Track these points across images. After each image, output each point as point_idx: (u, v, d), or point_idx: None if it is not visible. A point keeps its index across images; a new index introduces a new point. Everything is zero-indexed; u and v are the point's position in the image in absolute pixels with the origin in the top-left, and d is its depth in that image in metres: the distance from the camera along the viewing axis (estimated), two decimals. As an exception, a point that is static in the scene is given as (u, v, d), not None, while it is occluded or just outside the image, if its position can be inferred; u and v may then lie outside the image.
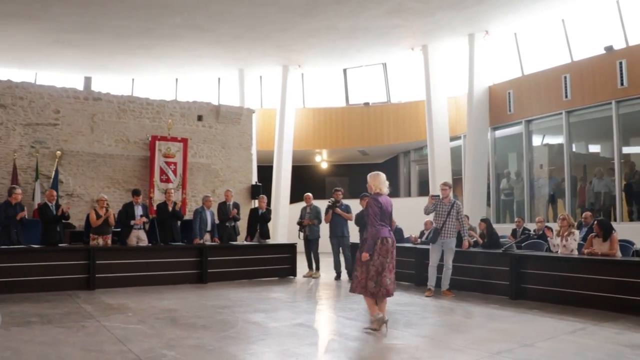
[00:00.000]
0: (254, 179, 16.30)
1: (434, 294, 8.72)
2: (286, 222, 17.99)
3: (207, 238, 10.99)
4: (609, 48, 13.38)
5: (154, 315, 6.86)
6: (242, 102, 18.23)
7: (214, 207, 11.50)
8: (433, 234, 8.86)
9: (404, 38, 16.29)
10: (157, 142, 13.71)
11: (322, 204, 11.43)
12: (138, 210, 10.32)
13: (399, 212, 12.75)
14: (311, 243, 11.49)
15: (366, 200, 8.20)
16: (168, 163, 13.77)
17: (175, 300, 8.12)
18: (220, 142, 15.10)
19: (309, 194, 11.75)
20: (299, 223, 11.54)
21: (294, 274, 11.40)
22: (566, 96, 14.22)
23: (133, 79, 20.22)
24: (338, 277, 11.04)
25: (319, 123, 20.23)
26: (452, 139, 17.49)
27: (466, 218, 10.42)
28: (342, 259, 11.11)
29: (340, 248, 11.09)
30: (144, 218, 10.35)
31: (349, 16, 14.26)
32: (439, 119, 17.04)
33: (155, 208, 11.67)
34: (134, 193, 10.51)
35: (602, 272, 7.39)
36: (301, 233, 11.50)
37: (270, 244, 11.99)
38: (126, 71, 19.34)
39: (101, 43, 16.15)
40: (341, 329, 6.35)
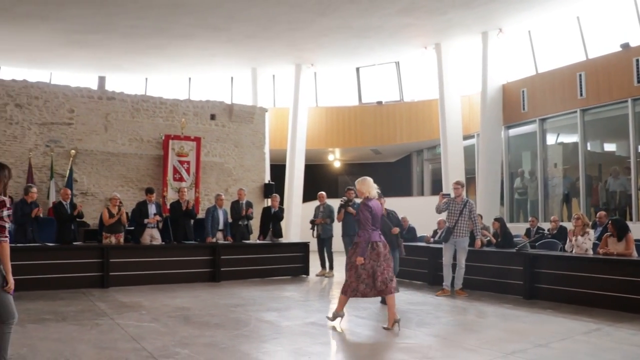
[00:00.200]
0: (267, 178, 16.33)
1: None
2: (299, 221, 18.00)
3: (220, 237, 11.02)
4: (625, 45, 13.22)
5: (167, 313, 6.90)
6: (255, 101, 18.25)
7: (227, 206, 11.52)
8: (445, 233, 8.83)
9: (417, 36, 16.23)
10: (171, 141, 13.77)
11: (335, 203, 11.41)
12: (152, 208, 10.37)
13: (412, 211, 12.84)
14: (324, 242, 11.49)
15: (381, 200, 8.28)
16: (181, 162, 13.84)
17: (188, 298, 8.16)
18: (233, 141, 15.14)
19: (323, 193, 11.75)
20: (312, 221, 11.55)
21: (307, 273, 11.40)
22: (581, 94, 14.07)
23: (146, 79, 20.33)
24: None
25: (332, 122, 20.21)
26: (466, 138, 17.39)
27: (479, 217, 10.37)
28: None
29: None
30: (158, 217, 10.39)
31: (362, 15, 14.23)
32: (452, 118, 16.96)
33: (168, 207, 11.72)
34: (147, 191, 10.55)
35: (618, 272, 7.30)
36: (314, 231, 11.51)
37: (283, 243, 12.00)
38: (140, 71, 19.44)
39: (115, 43, 16.26)
40: (353, 328, 6.34)
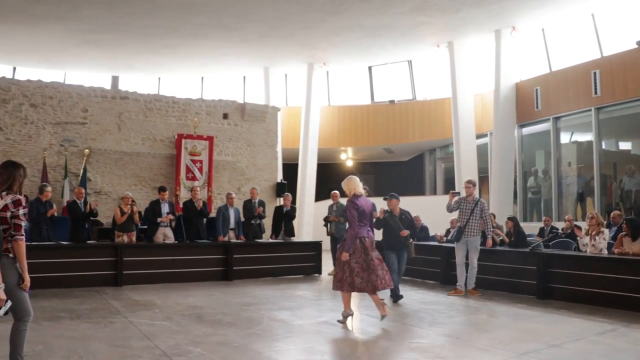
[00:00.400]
0: (279, 177, 16.34)
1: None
2: (311, 220, 18.00)
3: (232, 236, 11.05)
4: (641, 42, 13.10)
5: (180, 311, 6.93)
6: (268, 100, 18.27)
7: (240, 205, 11.55)
8: (457, 233, 8.81)
9: (430, 35, 16.16)
10: (183, 140, 13.83)
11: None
12: (165, 207, 10.41)
13: (425, 210, 12.78)
14: (337, 241, 11.46)
15: (391, 201, 8.32)
16: (194, 161, 13.89)
17: (201, 297, 8.19)
18: (245, 140, 15.18)
19: (336, 192, 11.72)
20: (326, 219, 11.56)
21: (319, 272, 11.41)
22: (596, 92, 13.94)
23: (159, 78, 20.44)
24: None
25: (344, 121, 20.19)
26: (479, 137, 17.31)
27: (492, 216, 10.31)
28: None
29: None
30: (171, 215, 10.44)
31: (374, 14, 14.19)
32: (465, 116, 16.88)
33: (181, 206, 11.77)
34: (160, 189, 10.59)
35: (633, 273, 7.22)
36: (328, 229, 11.51)
37: (295, 242, 12.01)
38: (152, 70, 19.55)
39: (128, 43, 16.36)
40: (366, 327, 6.33)
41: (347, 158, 22.05)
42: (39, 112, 12.70)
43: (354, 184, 6.48)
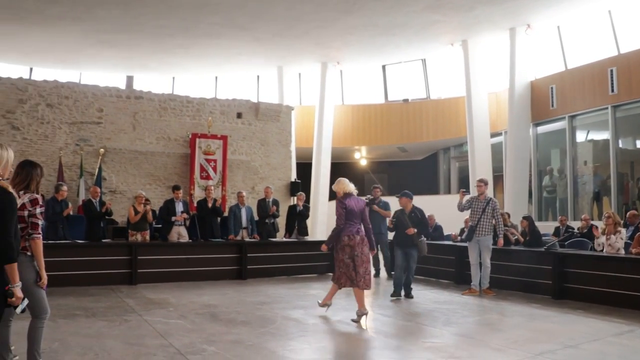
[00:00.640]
0: (293, 176, 16.36)
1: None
2: (325, 219, 17.98)
3: (244, 235, 11.07)
4: (659, 40, 12.94)
5: (194, 310, 6.97)
6: (281, 100, 18.29)
7: (253, 204, 11.56)
8: (468, 232, 8.78)
9: (443, 33, 16.08)
10: (197, 140, 13.89)
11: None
12: (179, 206, 10.47)
13: (439, 210, 12.73)
14: None
15: (402, 199, 8.39)
16: (208, 160, 13.94)
17: (215, 296, 8.23)
18: (259, 140, 15.20)
19: None
20: None
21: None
22: (612, 90, 13.79)
23: (173, 78, 20.54)
24: (377, 275, 10.99)
25: (358, 120, 20.15)
26: (493, 135, 17.20)
27: (506, 215, 10.24)
28: (381, 257, 11.05)
29: (378, 245, 11.03)
30: (185, 214, 10.49)
31: (388, 12, 14.15)
32: (480, 115, 16.77)
33: (195, 205, 11.83)
34: (174, 188, 10.66)
35: (650, 272, 7.16)
36: None
37: (309, 241, 11.99)
38: (167, 70, 19.64)
39: (142, 43, 16.45)
40: (380, 327, 6.32)
41: (361, 157, 22.01)
42: (55, 112, 12.82)
43: (344, 185, 6.84)
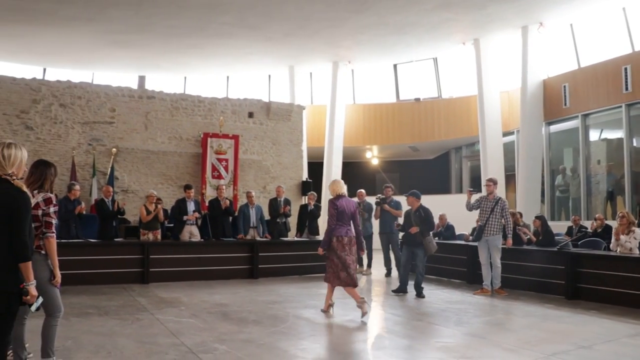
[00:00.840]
0: (305, 176, 16.36)
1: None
2: (335, 219, 17.93)
3: (253, 234, 11.07)
4: (674, 37, 12.79)
5: (206, 309, 6.99)
6: (293, 99, 18.30)
7: (263, 203, 11.57)
8: (477, 232, 8.76)
9: (455, 32, 16.01)
10: (209, 139, 13.92)
11: (373, 201, 11.38)
12: (190, 206, 10.52)
13: (451, 209, 12.68)
14: (365, 240, 11.41)
15: (409, 198, 8.40)
16: (220, 160, 13.97)
17: (226, 295, 8.25)
18: (271, 139, 15.22)
19: (362, 191, 11.72)
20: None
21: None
22: (627, 88, 13.65)
23: (185, 77, 20.62)
24: (388, 274, 10.97)
25: (370, 119, 20.12)
26: (505, 134, 17.10)
27: (518, 215, 10.18)
28: (392, 256, 11.02)
29: (389, 245, 11.02)
30: (197, 214, 10.53)
31: (399, 11, 14.11)
32: (492, 114, 16.69)
33: (207, 204, 11.86)
34: (186, 188, 10.70)
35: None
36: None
37: (320, 240, 11.94)
38: (178, 70, 19.73)
39: (154, 43, 16.53)
40: (391, 327, 6.31)
41: (373, 156, 21.97)
42: (68, 112, 12.91)
43: (338, 186, 6.96)
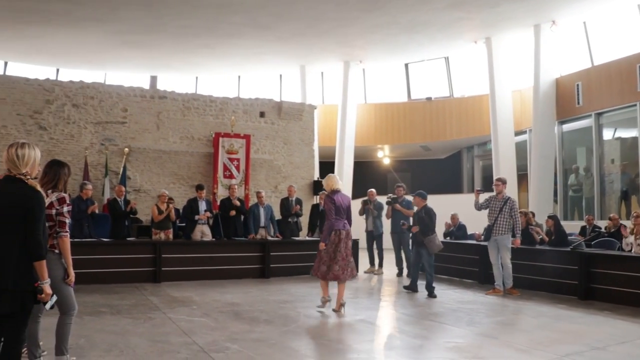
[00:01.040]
0: (316, 175, 16.36)
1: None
2: (347, 218, 17.92)
3: (263, 234, 11.08)
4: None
5: (218, 308, 7.01)
6: (304, 99, 18.31)
7: (274, 203, 11.58)
8: (486, 232, 8.73)
9: (467, 31, 15.95)
10: (221, 139, 13.96)
11: (384, 201, 11.37)
12: (202, 205, 10.54)
13: (462, 209, 12.62)
14: (376, 239, 11.43)
15: (415, 198, 8.78)
16: (231, 159, 14.00)
17: (238, 294, 8.26)
18: (282, 139, 15.23)
19: (372, 190, 11.69)
20: (364, 202, 11.51)
21: (355, 270, 11.35)
22: (641, 87, 13.55)
23: (197, 77, 20.70)
24: (400, 274, 10.95)
25: (381, 118, 20.09)
26: (517, 134, 17.01)
27: (530, 214, 10.12)
28: (404, 256, 10.99)
29: (401, 245, 10.99)
30: (208, 213, 10.56)
31: (410, 10, 14.07)
32: (504, 113, 16.60)
33: (219, 203, 11.89)
34: (198, 188, 10.72)
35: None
36: (365, 223, 11.54)
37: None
38: (190, 70, 19.81)
39: (165, 43, 16.61)
40: (402, 326, 6.29)
41: (384, 156, 21.95)
42: (81, 112, 12.99)
43: (333, 181, 7.05)
